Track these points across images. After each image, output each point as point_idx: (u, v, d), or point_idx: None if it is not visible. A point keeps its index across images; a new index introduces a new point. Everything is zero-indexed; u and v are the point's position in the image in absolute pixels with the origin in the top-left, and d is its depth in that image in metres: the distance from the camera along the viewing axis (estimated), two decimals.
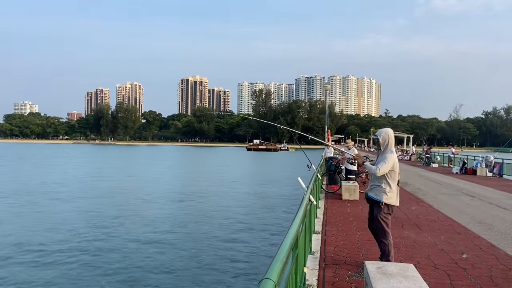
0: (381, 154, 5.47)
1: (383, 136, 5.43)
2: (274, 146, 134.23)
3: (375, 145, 5.66)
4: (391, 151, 5.39)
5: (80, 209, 19.09)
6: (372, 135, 5.84)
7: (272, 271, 2.47)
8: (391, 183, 5.38)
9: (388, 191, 5.37)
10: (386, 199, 5.37)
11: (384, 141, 5.41)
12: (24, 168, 45.55)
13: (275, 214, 18.65)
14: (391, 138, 5.44)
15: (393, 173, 5.37)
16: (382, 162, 5.29)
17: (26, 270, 10.22)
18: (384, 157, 5.35)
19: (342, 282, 5.10)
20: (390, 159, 5.30)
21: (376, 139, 5.49)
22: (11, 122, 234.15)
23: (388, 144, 5.41)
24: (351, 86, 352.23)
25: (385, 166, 5.26)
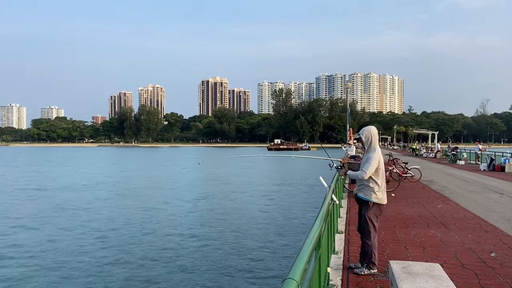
0: (365, 153, 5.44)
1: (366, 134, 5.40)
2: (295, 146, 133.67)
3: (360, 143, 5.64)
4: (374, 149, 5.34)
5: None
6: (356, 134, 5.77)
7: (294, 271, 2.47)
8: (379, 181, 5.33)
9: (377, 190, 5.31)
10: (375, 198, 5.32)
11: (367, 139, 5.38)
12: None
13: (297, 213, 18.58)
14: (374, 136, 5.40)
15: (379, 171, 5.32)
16: (367, 164, 5.24)
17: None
18: (368, 157, 5.31)
19: (367, 282, 5.05)
20: (374, 158, 5.25)
21: (359, 138, 5.48)
22: (39, 126, 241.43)
23: (372, 142, 5.36)
24: (373, 84, 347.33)
25: (371, 167, 5.21)
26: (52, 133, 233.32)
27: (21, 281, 9.77)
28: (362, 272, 5.32)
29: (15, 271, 10.52)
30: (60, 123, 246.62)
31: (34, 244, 13.26)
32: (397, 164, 17.54)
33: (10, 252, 12.26)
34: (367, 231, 5.33)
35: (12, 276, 10.10)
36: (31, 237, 14.23)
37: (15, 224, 16.44)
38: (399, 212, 10.09)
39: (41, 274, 10.24)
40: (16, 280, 9.84)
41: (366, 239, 5.34)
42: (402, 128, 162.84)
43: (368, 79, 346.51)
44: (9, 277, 10.07)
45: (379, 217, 5.45)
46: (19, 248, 12.74)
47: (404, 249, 6.64)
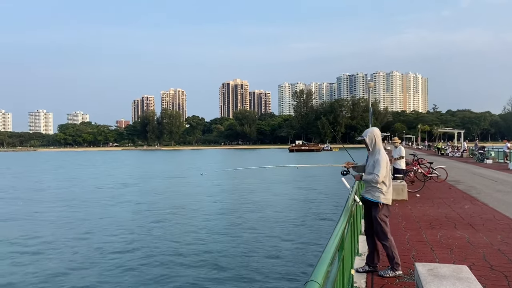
0: (370, 156, 5.39)
1: (369, 135, 5.37)
2: (317, 147, 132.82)
3: (364, 145, 5.54)
4: (378, 150, 5.31)
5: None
6: (359, 136, 5.69)
7: (317, 273, 2.44)
8: (387, 182, 5.27)
9: (385, 190, 5.26)
10: (384, 199, 5.25)
11: (371, 140, 5.35)
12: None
13: (320, 214, 18.44)
14: (377, 137, 5.37)
15: (386, 171, 5.27)
16: (378, 167, 5.19)
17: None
18: (376, 159, 5.25)
19: (392, 285, 4.96)
20: (382, 160, 5.21)
21: (363, 140, 5.43)
22: (65, 131, 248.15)
23: (376, 144, 5.34)
24: (395, 82, 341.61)
25: (382, 170, 5.17)
26: (78, 138, 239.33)
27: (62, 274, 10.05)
28: (387, 274, 5.24)
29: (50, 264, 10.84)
30: (85, 128, 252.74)
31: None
32: (422, 164, 17.20)
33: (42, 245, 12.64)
34: (383, 232, 5.24)
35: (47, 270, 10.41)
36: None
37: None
38: (424, 213, 9.89)
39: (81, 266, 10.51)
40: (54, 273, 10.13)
41: (384, 241, 5.26)
42: (426, 127, 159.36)
43: (391, 78, 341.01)
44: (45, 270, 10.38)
45: (388, 217, 5.40)
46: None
47: (430, 250, 6.49)
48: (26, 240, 14.59)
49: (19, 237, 14.94)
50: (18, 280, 10.26)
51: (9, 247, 13.64)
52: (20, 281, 10.21)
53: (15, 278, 10.43)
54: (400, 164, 13.70)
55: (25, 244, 14.00)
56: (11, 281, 10.17)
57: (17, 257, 12.33)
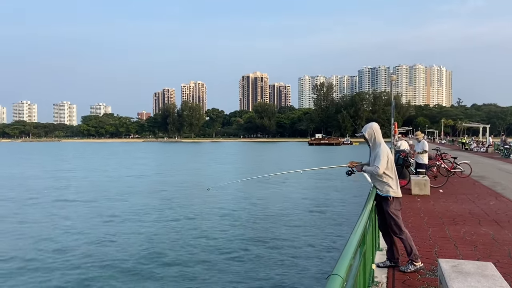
0: (372, 151, 5.38)
1: (368, 131, 5.38)
2: (337, 140, 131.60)
3: (364, 140, 5.52)
4: (379, 144, 5.30)
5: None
6: (359, 133, 5.64)
7: (340, 266, 2.44)
8: (392, 174, 5.27)
9: (393, 183, 5.26)
10: (393, 192, 5.24)
11: (370, 136, 5.35)
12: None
13: (339, 209, 18.33)
14: (376, 131, 5.37)
15: (389, 164, 5.26)
16: (378, 159, 5.20)
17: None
18: (376, 152, 5.26)
19: (414, 280, 4.91)
20: (382, 152, 5.20)
21: (362, 136, 5.43)
22: (88, 123, 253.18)
23: (376, 138, 5.34)
24: (418, 76, 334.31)
25: (383, 161, 5.17)
26: (101, 129, 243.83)
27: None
28: (408, 269, 5.19)
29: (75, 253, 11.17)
30: (107, 120, 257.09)
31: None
32: (445, 159, 16.85)
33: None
34: (397, 226, 5.22)
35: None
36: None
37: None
38: (447, 208, 9.71)
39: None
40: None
41: (399, 235, 5.23)
42: (450, 121, 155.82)
43: (414, 71, 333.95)
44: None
45: (400, 210, 5.37)
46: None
47: (454, 247, 6.39)
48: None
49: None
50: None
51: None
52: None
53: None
54: (422, 159, 13.47)
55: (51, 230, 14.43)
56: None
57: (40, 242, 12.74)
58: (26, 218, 16.75)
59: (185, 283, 9.33)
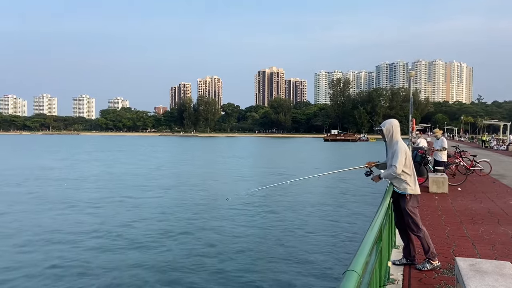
0: (389, 147, 5.32)
1: (387, 126, 5.30)
2: (353, 137, 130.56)
3: (381, 136, 5.43)
4: (396, 141, 5.25)
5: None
6: (377, 126, 5.57)
7: (356, 263, 2.45)
8: (409, 171, 5.20)
9: (410, 181, 5.20)
10: (411, 190, 5.18)
11: (388, 131, 5.27)
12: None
13: (354, 205, 18.24)
14: (395, 128, 5.31)
15: (407, 161, 5.19)
16: (395, 157, 5.13)
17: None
18: (393, 151, 5.19)
19: (430, 279, 4.88)
20: (400, 150, 5.14)
21: (380, 130, 5.35)
22: (106, 116, 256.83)
23: (393, 135, 5.27)
24: (438, 71, 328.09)
25: (400, 159, 5.10)
26: (118, 123, 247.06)
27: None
28: (425, 267, 5.16)
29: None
30: (125, 114, 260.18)
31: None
32: (464, 157, 16.56)
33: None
34: (414, 223, 5.17)
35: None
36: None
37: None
38: (466, 207, 9.57)
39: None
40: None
41: (417, 233, 5.19)
42: (470, 118, 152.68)
43: (433, 67, 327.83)
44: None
45: (418, 208, 5.32)
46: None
47: (472, 246, 6.31)
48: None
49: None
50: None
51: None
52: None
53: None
54: (441, 156, 13.27)
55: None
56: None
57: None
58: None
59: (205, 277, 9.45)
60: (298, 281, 9.08)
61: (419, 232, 5.16)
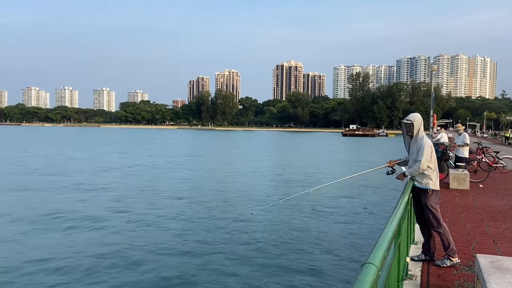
0: (413, 143, 5.18)
1: (417, 120, 5.18)
2: (372, 132, 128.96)
3: (406, 130, 5.23)
4: (422, 136, 5.16)
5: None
6: (405, 119, 5.38)
7: (374, 256, 2.43)
8: (433, 167, 5.13)
9: (433, 176, 5.12)
10: (433, 185, 5.11)
11: (418, 125, 5.17)
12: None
13: (374, 200, 18.09)
14: (422, 122, 5.26)
15: (432, 156, 5.13)
16: (421, 152, 5.04)
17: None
18: (419, 146, 5.09)
19: (449, 275, 4.81)
20: (426, 145, 5.05)
21: (410, 124, 5.16)
22: (126, 109, 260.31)
23: (420, 130, 5.19)
24: (461, 66, 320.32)
25: (426, 155, 5.02)
26: (137, 116, 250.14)
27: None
28: (444, 264, 5.09)
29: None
30: (144, 106, 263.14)
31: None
32: (487, 153, 16.20)
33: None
34: (435, 219, 5.10)
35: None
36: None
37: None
38: (487, 204, 9.38)
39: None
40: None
41: (438, 229, 5.11)
42: (493, 114, 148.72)
43: (456, 61, 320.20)
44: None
45: (439, 203, 5.25)
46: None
47: (493, 243, 6.19)
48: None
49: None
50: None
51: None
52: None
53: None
54: (463, 152, 13.02)
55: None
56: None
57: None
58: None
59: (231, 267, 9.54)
60: (315, 275, 9.09)
61: (439, 228, 5.08)
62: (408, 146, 5.33)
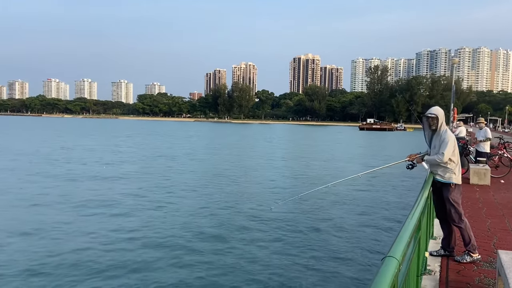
0: (436, 136, 5.08)
1: (441, 113, 5.08)
2: (389, 126, 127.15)
3: (429, 124, 5.11)
4: (445, 129, 5.08)
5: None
6: (428, 113, 5.25)
7: (396, 249, 2.43)
8: (456, 161, 5.05)
9: (456, 170, 5.04)
10: (455, 179, 5.02)
11: (441, 119, 5.07)
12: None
13: (393, 194, 17.92)
14: (444, 116, 5.16)
15: (455, 150, 5.05)
16: (444, 145, 4.94)
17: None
18: (443, 139, 4.99)
19: (469, 271, 4.76)
20: (450, 138, 4.96)
21: (435, 117, 5.05)
22: (143, 101, 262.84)
23: (443, 123, 5.09)
24: (482, 59, 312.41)
25: (449, 148, 4.93)
26: (155, 108, 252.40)
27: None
28: (464, 259, 5.03)
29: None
30: (161, 99, 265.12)
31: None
32: (509, 148, 15.86)
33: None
34: (457, 214, 5.03)
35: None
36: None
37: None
38: (509, 200, 9.21)
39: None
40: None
41: (459, 224, 5.04)
42: None
43: (477, 55, 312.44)
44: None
45: (460, 198, 5.18)
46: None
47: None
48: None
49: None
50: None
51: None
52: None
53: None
54: (484, 147, 12.76)
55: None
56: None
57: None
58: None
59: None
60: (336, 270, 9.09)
61: (460, 223, 5.02)
62: (429, 140, 5.25)
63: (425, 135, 5.29)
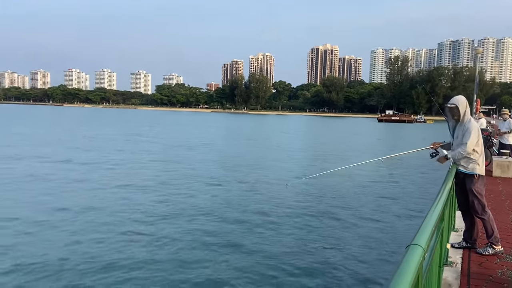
0: (459, 126, 4.97)
1: (462, 103, 4.94)
2: (409, 117, 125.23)
3: (451, 114, 5.01)
4: (469, 119, 4.95)
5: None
6: (448, 104, 5.14)
7: (420, 237, 2.42)
8: (480, 151, 4.94)
9: (479, 161, 4.94)
10: (479, 170, 4.92)
11: (463, 108, 4.92)
12: None
13: (414, 182, 17.73)
14: (467, 105, 5.01)
15: (479, 140, 4.94)
16: (467, 135, 4.84)
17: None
18: (466, 128, 4.89)
19: (491, 263, 4.71)
20: (473, 128, 4.85)
21: (454, 107, 4.93)
22: (161, 92, 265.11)
23: (466, 113, 4.94)
24: (507, 50, 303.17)
25: (472, 138, 4.83)
26: (172, 98, 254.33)
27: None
28: (486, 252, 4.98)
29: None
30: (179, 89, 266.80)
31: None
32: None
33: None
34: (480, 205, 4.95)
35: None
36: None
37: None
38: None
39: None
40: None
41: (482, 216, 4.96)
42: None
43: (502, 45, 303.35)
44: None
45: (484, 189, 5.08)
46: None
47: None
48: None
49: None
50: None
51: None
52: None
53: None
54: (507, 139, 12.49)
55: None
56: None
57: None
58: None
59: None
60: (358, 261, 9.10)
61: (484, 215, 4.95)
62: (452, 129, 5.17)
63: (449, 125, 5.22)
